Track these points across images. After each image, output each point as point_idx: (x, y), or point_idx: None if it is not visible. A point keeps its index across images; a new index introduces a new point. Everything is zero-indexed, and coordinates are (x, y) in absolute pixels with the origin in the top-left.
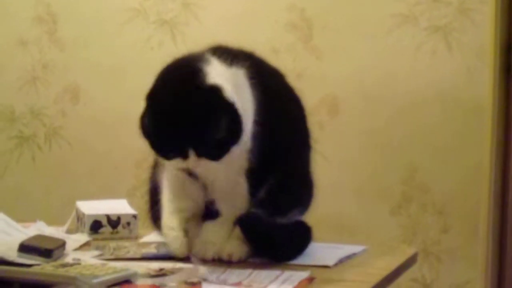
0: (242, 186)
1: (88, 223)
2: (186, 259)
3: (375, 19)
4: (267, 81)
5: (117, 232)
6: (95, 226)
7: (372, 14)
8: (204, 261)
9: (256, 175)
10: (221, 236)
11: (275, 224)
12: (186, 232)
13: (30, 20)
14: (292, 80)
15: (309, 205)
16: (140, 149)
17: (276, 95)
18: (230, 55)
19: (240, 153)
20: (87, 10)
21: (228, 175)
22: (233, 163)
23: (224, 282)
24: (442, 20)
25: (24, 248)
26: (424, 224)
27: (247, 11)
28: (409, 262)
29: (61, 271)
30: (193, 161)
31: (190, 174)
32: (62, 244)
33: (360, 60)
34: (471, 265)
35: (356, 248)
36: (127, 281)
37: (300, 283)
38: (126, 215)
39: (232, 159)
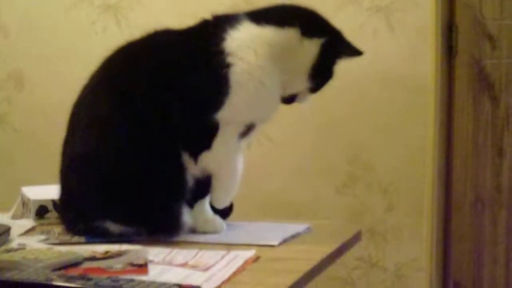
0: None
1: (33, 208)
2: (131, 241)
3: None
4: None
5: None
6: (41, 211)
7: None
8: (151, 243)
9: None
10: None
11: None
12: None
13: None
14: None
15: None
16: None
17: None
18: None
19: None
20: None
21: None
22: None
23: (170, 263)
24: (384, 0)
25: None
26: (369, 203)
27: None
28: (353, 241)
29: (5, 256)
30: None
31: None
32: (6, 230)
33: None
34: (417, 243)
35: (300, 227)
36: (73, 264)
37: (245, 262)
38: None
39: None
